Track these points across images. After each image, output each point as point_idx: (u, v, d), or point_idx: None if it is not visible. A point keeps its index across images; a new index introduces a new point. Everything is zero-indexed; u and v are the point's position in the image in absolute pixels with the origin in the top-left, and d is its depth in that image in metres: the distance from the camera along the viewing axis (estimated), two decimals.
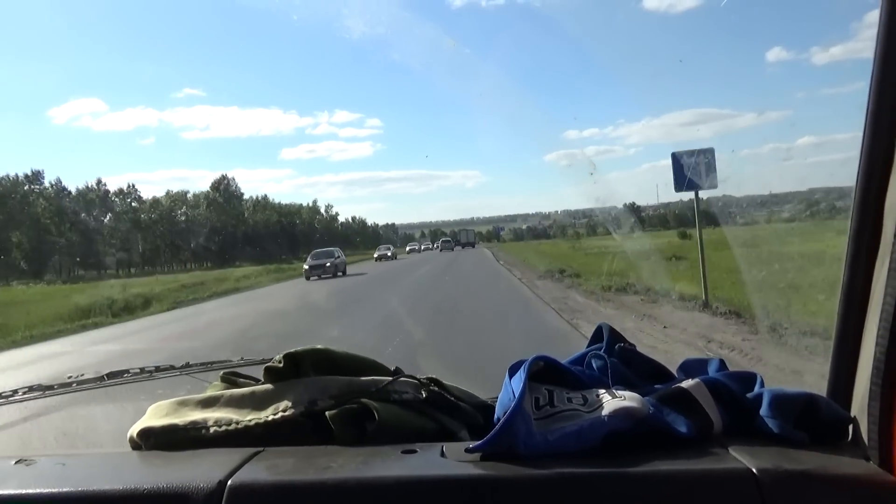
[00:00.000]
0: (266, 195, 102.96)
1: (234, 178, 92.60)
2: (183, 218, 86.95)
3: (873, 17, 0.85)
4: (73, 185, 77.22)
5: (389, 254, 53.80)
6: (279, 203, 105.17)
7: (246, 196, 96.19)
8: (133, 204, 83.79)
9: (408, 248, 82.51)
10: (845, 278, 0.93)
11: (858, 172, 0.90)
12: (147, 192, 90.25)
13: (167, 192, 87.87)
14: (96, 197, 79.67)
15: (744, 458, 0.79)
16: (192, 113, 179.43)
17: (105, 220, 79.65)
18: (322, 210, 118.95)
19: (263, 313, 14.37)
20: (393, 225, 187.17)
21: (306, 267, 28.66)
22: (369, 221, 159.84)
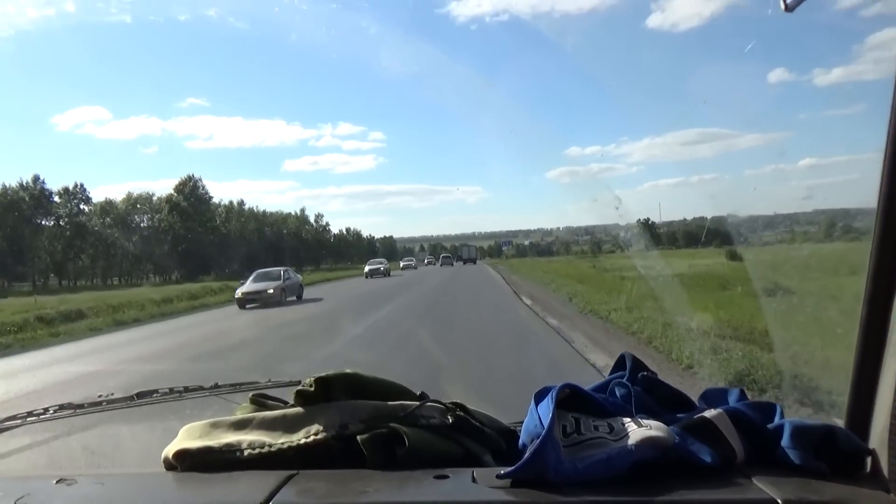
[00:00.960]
0: (242, 200, 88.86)
1: (200, 180, 75.47)
2: (143, 224, 73.69)
3: (876, 40, 0.85)
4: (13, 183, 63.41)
5: (382, 269, 45.38)
6: (262, 211, 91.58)
7: (215, 200, 79.86)
8: (81, 207, 67.83)
9: (402, 264, 66.52)
10: (864, 310, 0.96)
11: (879, 202, 0.93)
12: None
13: (127, 195, 73.44)
14: (28, 196, 63.32)
15: (767, 488, 0.81)
16: (195, 123, 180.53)
17: (43, 224, 65.05)
18: (312, 220, 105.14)
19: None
20: (391, 238, 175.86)
21: (238, 294, 21.42)
22: (365, 233, 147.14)
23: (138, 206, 73.67)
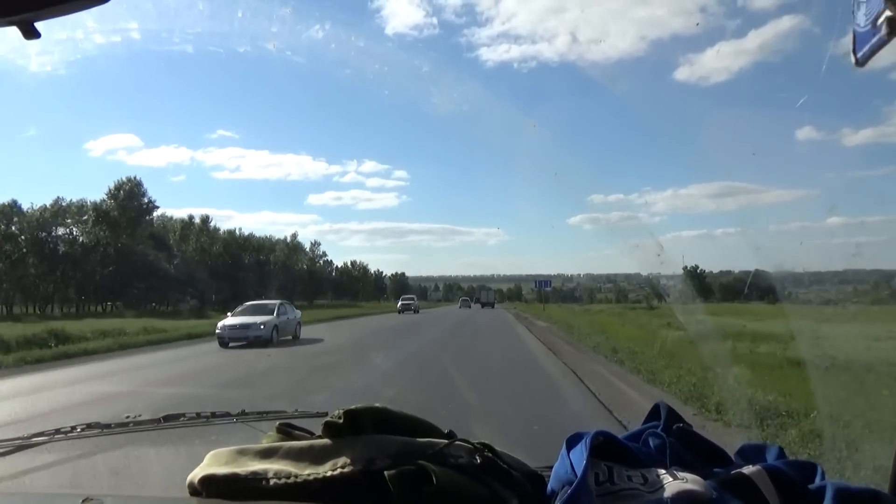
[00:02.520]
0: (207, 216, 66.24)
1: (141, 183, 56.79)
2: (71, 236, 55.38)
3: None
4: None
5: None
6: (240, 232, 72.79)
7: (163, 213, 62.70)
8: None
9: (399, 305, 53.46)
10: None
11: None
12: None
13: (55, 200, 54.85)
14: None
15: None
16: (224, 154, 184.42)
17: None
18: (308, 249, 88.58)
19: None
20: (402, 275, 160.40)
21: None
22: (373, 269, 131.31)
23: (55, 216, 54.02)
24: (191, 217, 65.07)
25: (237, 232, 72.15)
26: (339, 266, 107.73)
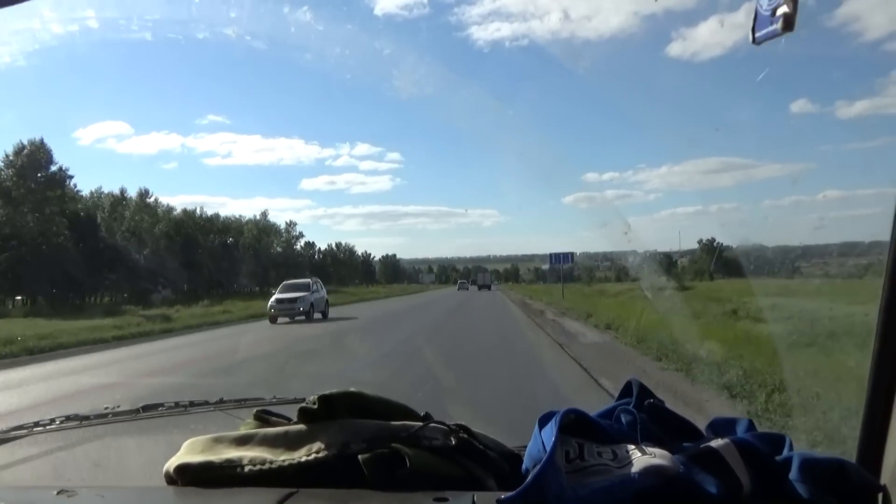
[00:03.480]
0: (147, 190, 53.42)
1: (45, 146, 42.71)
2: None
3: None
4: None
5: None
6: (201, 213, 58.75)
7: (100, 188, 50.09)
8: None
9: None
10: (876, 344, 0.95)
11: (893, 234, 0.91)
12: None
13: None
14: None
15: None
16: (215, 139, 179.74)
17: None
18: (283, 230, 74.11)
19: None
20: (393, 257, 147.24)
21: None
22: (361, 251, 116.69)
23: None
24: (123, 191, 51.37)
25: (198, 211, 58.58)
26: (323, 249, 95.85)
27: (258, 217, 69.85)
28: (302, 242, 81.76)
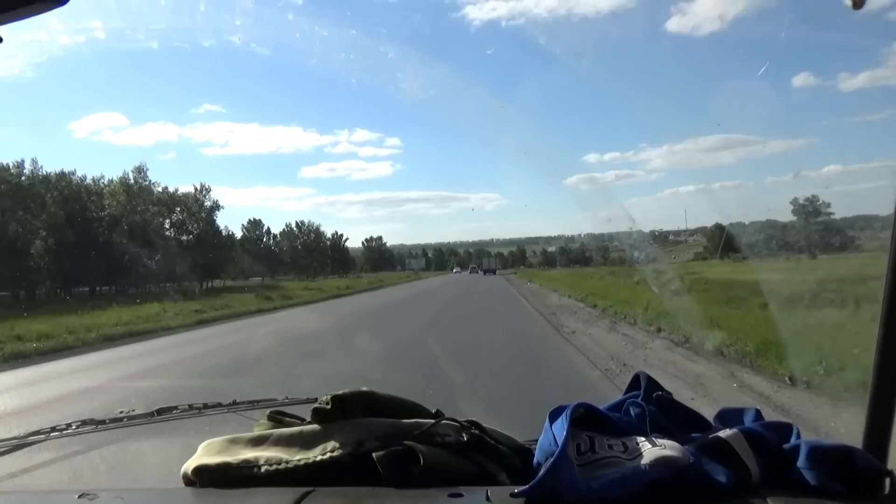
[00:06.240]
0: (34, 159, 42.49)
1: None
2: None
3: None
4: None
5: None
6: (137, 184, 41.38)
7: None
8: None
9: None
10: (881, 330, 0.96)
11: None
12: None
13: None
14: None
15: None
16: (212, 129, 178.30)
17: None
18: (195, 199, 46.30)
19: None
20: (379, 240, 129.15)
21: None
22: (329, 233, 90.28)
23: None
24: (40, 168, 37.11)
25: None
26: (277, 232, 76.90)
27: (197, 191, 46.16)
28: (220, 215, 56.39)
